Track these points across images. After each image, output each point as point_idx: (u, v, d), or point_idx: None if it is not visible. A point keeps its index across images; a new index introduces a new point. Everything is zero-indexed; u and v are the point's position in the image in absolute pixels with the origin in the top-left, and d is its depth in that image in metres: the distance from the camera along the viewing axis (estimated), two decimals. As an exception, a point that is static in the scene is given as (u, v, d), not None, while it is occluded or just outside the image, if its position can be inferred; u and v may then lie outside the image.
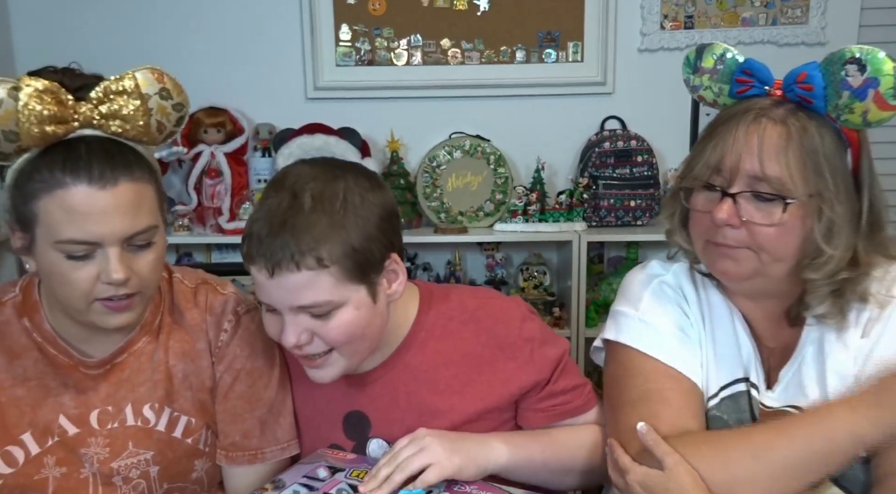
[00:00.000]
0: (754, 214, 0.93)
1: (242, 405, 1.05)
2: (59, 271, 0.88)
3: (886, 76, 0.86)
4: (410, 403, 1.05)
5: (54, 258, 0.88)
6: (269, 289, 0.92)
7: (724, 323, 1.04)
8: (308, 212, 0.90)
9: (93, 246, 0.88)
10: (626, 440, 0.99)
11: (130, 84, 0.90)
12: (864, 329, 0.96)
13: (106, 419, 0.99)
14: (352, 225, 0.91)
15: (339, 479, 1.00)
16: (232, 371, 1.05)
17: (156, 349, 1.02)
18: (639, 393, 1.01)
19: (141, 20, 2.43)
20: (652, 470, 0.92)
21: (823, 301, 0.95)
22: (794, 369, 1.00)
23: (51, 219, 0.86)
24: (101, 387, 1.00)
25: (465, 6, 2.40)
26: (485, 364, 1.06)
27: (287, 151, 2.33)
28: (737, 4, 2.38)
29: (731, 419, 1.01)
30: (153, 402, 1.01)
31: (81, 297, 0.90)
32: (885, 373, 0.92)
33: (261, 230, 0.90)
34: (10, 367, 0.97)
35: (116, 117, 0.89)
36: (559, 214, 2.32)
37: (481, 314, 1.08)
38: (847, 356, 0.96)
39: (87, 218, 0.86)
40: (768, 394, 1.01)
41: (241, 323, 1.06)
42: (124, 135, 0.91)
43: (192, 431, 1.03)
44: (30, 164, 0.87)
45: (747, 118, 0.93)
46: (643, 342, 1.03)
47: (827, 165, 0.90)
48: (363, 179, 0.96)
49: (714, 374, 1.03)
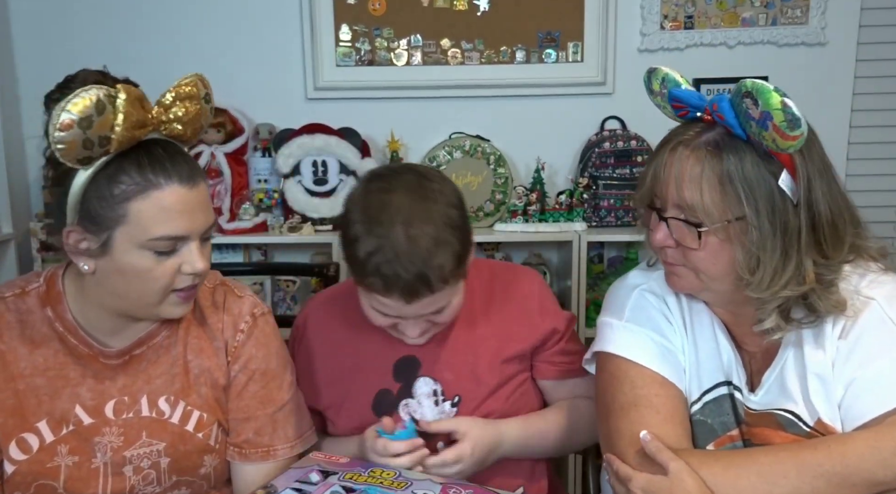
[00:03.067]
0: (684, 237, 0.96)
1: (256, 405, 1.09)
2: (143, 268, 0.94)
3: (776, 110, 0.86)
4: (456, 347, 1.21)
5: (138, 256, 0.93)
6: (401, 309, 1.07)
7: (705, 329, 1.06)
8: (426, 245, 1.02)
9: (180, 241, 0.95)
10: (622, 447, 1.00)
11: (194, 90, 0.96)
12: (841, 331, 0.97)
13: (121, 410, 1.02)
14: (454, 238, 1.06)
15: (331, 482, 1.00)
16: (247, 371, 1.09)
17: (174, 344, 1.06)
18: (627, 400, 1.03)
19: (141, 20, 2.43)
20: (655, 476, 0.93)
21: (769, 316, 0.97)
22: (776, 372, 1.00)
23: (143, 218, 0.91)
24: (119, 378, 1.03)
25: (465, 6, 2.40)
26: (514, 314, 1.24)
27: (287, 152, 2.33)
28: (737, 4, 2.38)
29: (715, 422, 1.02)
30: (169, 395, 1.04)
31: (161, 290, 0.97)
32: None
33: (392, 270, 1.01)
34: (31, 356, 0.99)
35: (180, 122, 0.95)
36: (559, 214, 2.32)
37: (511, 275, 1.30)
38: (825, 358, 0.97)
39: (180, 215, 0.93)
40: (751, 397, 1.02)
41: (258, 325, 1.11)
42: (180, 137, 0.97)
43: (204, 426, 1.06)
44: (113, 167, 0.91)
45: (668, 148, 0.96)
46: (629, 351, 1.06)
47: (746, 189, 0.91)
48: (443, 186, 1.09)
49: (696, 379, 1.05)
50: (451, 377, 1.20)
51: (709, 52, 2.41)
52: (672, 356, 1.05)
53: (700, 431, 1.02)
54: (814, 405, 0.96)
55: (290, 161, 2.34)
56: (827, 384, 0.96)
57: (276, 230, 2.33)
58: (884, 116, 2.42)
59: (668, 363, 1.04)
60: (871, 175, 2.44)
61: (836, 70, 2.40)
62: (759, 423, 1.00)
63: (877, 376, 0.94)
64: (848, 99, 2.42)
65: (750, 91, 0.88)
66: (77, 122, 0.85)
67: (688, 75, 2.59)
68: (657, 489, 0.92)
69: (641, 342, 1.06)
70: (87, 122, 0.85)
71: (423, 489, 0.99)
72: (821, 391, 0.96)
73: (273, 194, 2.41)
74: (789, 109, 0.85)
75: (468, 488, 1.01)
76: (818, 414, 0.96)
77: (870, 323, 0.96)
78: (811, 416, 0.97)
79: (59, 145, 0.85)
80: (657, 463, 0.94)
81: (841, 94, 2.41)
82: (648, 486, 0.93)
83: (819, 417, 0.96)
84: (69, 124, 0.85)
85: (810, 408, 0.97)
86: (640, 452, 0.97)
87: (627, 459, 0.98)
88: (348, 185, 2.36)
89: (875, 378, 0.94)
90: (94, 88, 0.86)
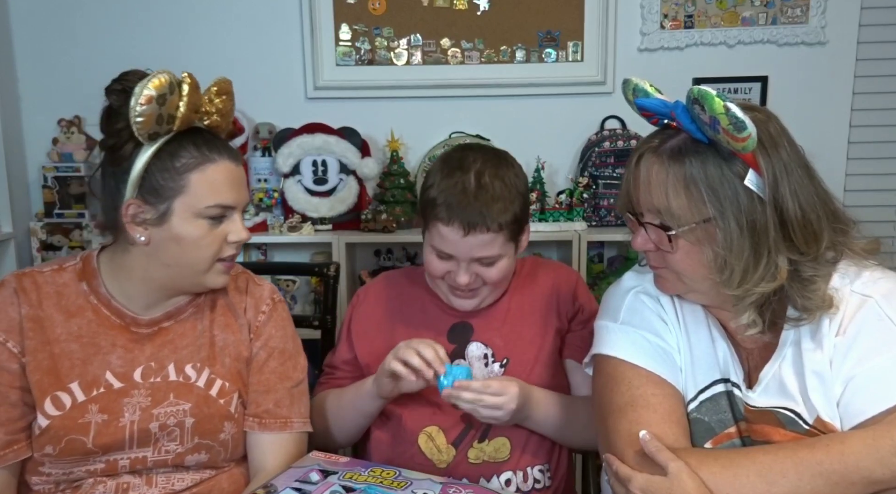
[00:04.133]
0: (660, 240, 0.99)
1: (275, 379, 1.19)
2: (197, 235, 1.06)
3: (721, 115, 0.88)
4: (506, 317, 1.35)
5: (193, 224, 1.06)
6: (458, 244, 1.21)
7: (700, 327, 1.07)
8: (492, 190, 1.21)
9: (229, 210, 1.09)
10: (621, 447, 1.00)
11: (227, 87, 1.13)
12: (838, 328, 0.97)
13: (149, 374, 1.11)
14: (516, 201, 1.24)
15: (331, 482, 1.00)
16: (267, 349, 1.19)
17: (200, 319, 1.17)
18: (625, 400, 1.03)
19: (141, 20, 2.43)
20: (654, 476, 0.93)
21: (745, 312, 0.98)
22: (773, 369, 1.01)
23: (200, 188, 1.05)
24: (147, 347, 1.12)
25: (465, 6, 2.40)
26: (554, 293, 1.37)
27: (287, 151, 2.33)
28: (737, 4, 2.38)
29: (712, 420, 1.03)
30: (196, 362, 1.14)
31: (210, 258, 1.09)
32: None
33: (458, 200, 1.19)
34: (67, 324, 1.09)
35: (219, 113, 1.10)
36: (559, 213, 2.32)
37: (553, 264, 1.48)
38: (823, 356, 0.97)
39: (231, 186, 1.08)
40: (750, 394, 1.02)
41: (277, 309, 1.23)
42: (218, 128, 1.11)
43: (226, 393, 1.14)
44: (174, 144, 1.04)
45: (636, 155, 1.00)
46: (625, 351, 1.07)
47: (710, 194, 0.93)
48: (514, 163, 1.31)
49: (692, 378, 1.05)
50: (500, 343, 1.32)
51: (709, 52, 2.41)
52: (668, 356, 1.06)
53: (697, 429, 1.03)
54: (812, 403, 0.96)
55: (289, 161, 2.34)
56: (825, 382, 0.96)
57: (276, 230, 2.33)
58: (884, 115, 2.42)
59: (663, 363, 1.05)
60: (871, 175, 2.44)
61: (836, 70, 2.40)
62: (759, 420, 1.01)
63: (875, 373, 0.94)
64: (848, 99, 2.42)
65: (696, 98, 0.90)
66: (155, 98, 0.99)
67: (688, 75, 2.60)
68: (656, 489, 0.93)
69: (637, 343, 1.07)
70: (162, 99, 1.00)
71: (423, 488, 1.00)
72: (819, 388, 0.96)
73: (273, 193, 2.41)
74: (732, 113, 0.87)
75: (468, 488, 1.01)
76: (817, 412, 0.96)
77: (867, 321, 0.96)
78: (810, 414, 0.97)
79: (139, 119, 0.99)
80: (656, 463, 0.94)
81: (841, 93, 2.41)
82: (648, 486, 0.93)
83: (818, 414, 0.96)
84: (150, 99, 0.98)
85: (809, 406, 0.97)
86: (638, 452, 0.97)
87: (626, 459, 0.98)
88: (348, 184, 2.36)
89: (873, 376, 0.94)
90: (164, 72, 1.00)
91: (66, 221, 2.45)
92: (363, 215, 2.33)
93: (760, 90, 2.40)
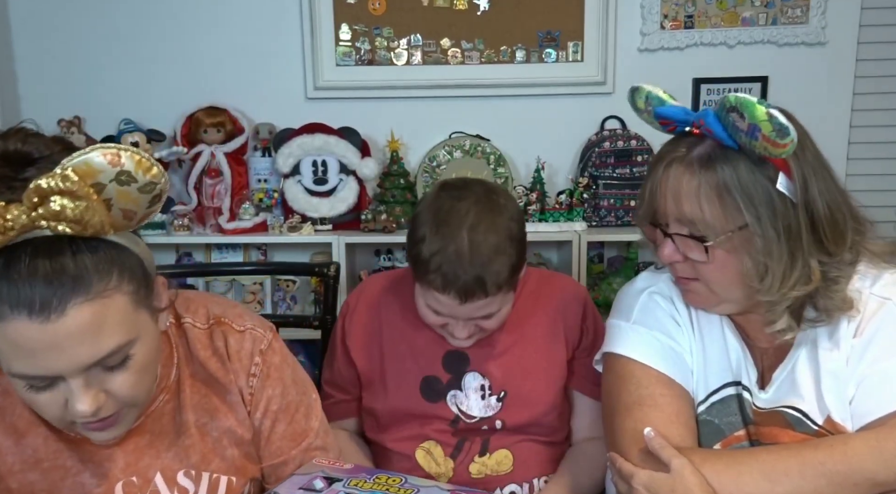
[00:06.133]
0: (691, 250, 0.97)
1: (288, 445, 1.02)
2: (27, 398, 0.78)
3: (763, 122, 0.86)
4: (504, 346, 1.26)
5: (16, 384, 0.77)
6: (455, 309, 1.14)
7: (714, 329, 1.06)
8: (485, 249, 1.11)
9: (51, 379, 0.75)
10: (625, 445, 1.00)
11: (69, 184, 0.68)
12: (856, 329, 0.97)
13: (133, 492, 0.90)
14: (512, 250, 1.14)
15: (336, 489, 0.99)
16: (270, 415, 1.00)
17: (178, 409, 0.93)
18: (633, 399, 1.03)
19: (141, 20, 2.42)
20: (657, 473, 0.93)
21: (781, 317, 0.97)
22: (787, 369, 1.01)
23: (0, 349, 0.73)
24: (119, 458, 0.90)
25: (465, 6, 2.40)
26: (558, 319, 1.28)
27: (287, 151, 2.33)
28: (737, 4, 2.38)
29: (722, 422, 1.03)
30: (188, 469, 0.93)
31: (58, 420, 0.80)
32: None
33: (452, 269, 1.10)
34: (19, 448, 0.86)
35: (61, 220, 0.69)
36: (559, 214, 2.32)
37: (558, 283, 1.34)
38: (840, 356, 0.97)
39: (34, 353, 0.72)
40: (761, 395, 1.02)
41: (267, 362, 0.99)
42: (81, 234, 0.72)
43: (236, 490, 0.97)
44: None
45: (661, 165, 0.97)
46: (635, 351, 1.06)
47: (744, 198, 0.91)
48: (507, 204, 1.18)
49: (703, 380, 1.05)
50: (498, 373, 1.25)
51: (709, 52, 2.41)
52: (679, 358, 1.05)
53: (706, 431, 1.02)
54: (826, 403, 0.96)
55: (289, 161, 2.34)
56: (840, 382, 0.96)
57: (276, 230, 2.33)
58: (884, 116, 2.42)
59: (674, 364, 1.04)
60: (871, 175, 2.44)
61: (836, 70, 2.40)
62: (767, 422, 1.00)
63: (886, 375, 0.94)
64: (848, 99, 2.42)
65: (735, 106, 0.88)
66: None
67: (688, 75, 2.60)
68: (659, 486, 0.92)
69: (648, 343, 1.06)
70: None
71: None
72: (834, 389, 0.96)
73: (273, 193, 2.41)
74: (776, 119, 0.85)
75: None
76: (828, 411, 0.96)
77: (885, 323, 0.96)
78: (821, 414, 0.97)
79: None
80: (660, 461, 0.94)
81: (841, 94, 2.41)
82: (650, 483, 0.93)
83: (829, 414, 0.96)
84: None
85: (822, 406, 0.97)
86: (643, 450, 0.96)
87: (630, 457, 0.98)
88: (348, 184, 2.36)
89: (884, 377, 0.94)
90: None
91: (65, 221, 2.45)
92: (363, 216, 2.33)
93: (760, 90, 2.40)
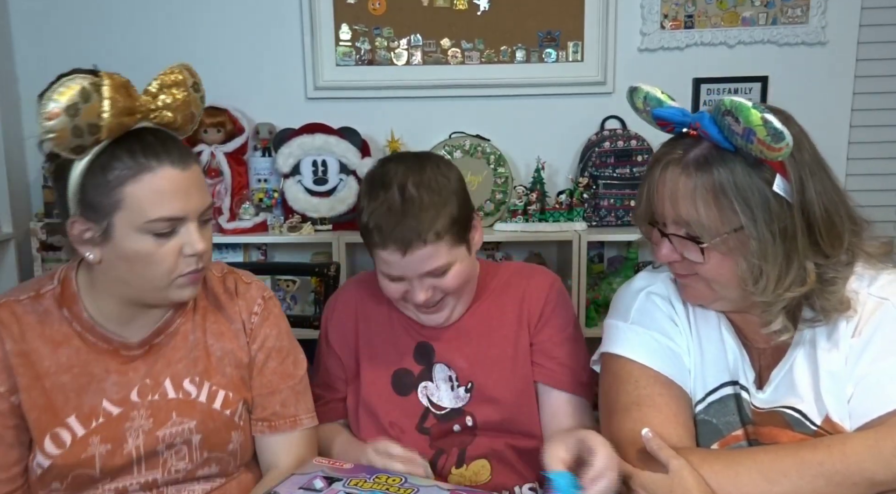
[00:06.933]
0: (688, 251, 0.98)
1: (277, 379, 1.16)
2: (145, 252, 0.97)
3: (758, 126, 0.86)
4: (469, 337, 1.27)
5: (139, 241, 0.96)
6: (401, 265, 1.15)
7: (711, 330, 1.07)
8: (419, 200, 1.13)
9: (177, 222, 0.98)
10: (623, 445, 1.00)
11: (180, 77, 1.01)
12: (854, 329, 0.97)
13: (145, 392, 1.06)
14: (449, 202, 1.15)
15: (336, 489, 0.99)
16: (265, 350, 1.16)
17: (192, 329, 1.11)
18: (631, 399, 1.03)
19: (140, 20, 2.43)
20: (655, 474, 0.93)
21: (776, 318, 0.97)
22: (785, 369, 1.01)
23: (138, 202, 0.95)
24: (140, 366, 1.07)
25: (465, 6, 2.40)
26: (522, 310, 1.27)
27: (287, 151, 2.33)
28: (737, 4, 2.38)
29: (720, 422, 1.03)
30: (193, 376, 1.09)
31: (165, 274, 1.00)
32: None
33: (387, 222, 1.13)
34: (54, 355, 1.02)
35: (169, 109, 0.99)
36: (559, 213, 2.32)
37: (528, 273, 1.33)
38: (839, 356, 0.97)
39: (174, 196, 0.96)
40: (759, 395, 1.02)
41: (269, 307, 1.18)
42: (171, 125, 1.01)
43: (230, 404, 1.11)
44: (106, 155, 0.94)
45: (659, 167, 0.98)
46: (633, 351, 1.06)
47: (741, 203, 0.92)
48: (440, 162, 1.21)
49: (701, 380, 1.05)
50: (464, 364, 1.26)
51: (709, 52, 2.41)
52: (676, 358, 1.06)
53: (705, 431, 1.02)
54: (824, 403, 0.96)
55: (290, 161, 2.34)
56: (839, 382, 0.96)
57: (276, 230, 2.33)
58: (884, 115, 2.42)
59: (672, 364, 1.05)
60: (871, 175, 2.44)
61: (836, 70, 2.40)
62: (766, 422, 1.00)
63: (884, 374, 0.94)
64: (848, 99, 2.42)
65: (730, 109, 0.88)
66: (64, 109, 0.88)
67: (688, 75, 2.60)
68: (658, 486, 0.92)
69: (646, 343, 1.06)
70: (73, 109, 0.89)
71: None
72: (832, 389, 0.96)
73: (273, 193, 2.41)
74: (770, 124, 0.85)
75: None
76: (827, 411, 0.96)
77: (883, 323, 0.96)
78: (819, 414, 0.97)
79: (49, 134, 0.89)
80: (658, 461, 0.94)
81: (841, 94, 2.41)
82: (649, 484, 0.93)
83: (828, 414, 0.96)
84: (56, 113, 0.88)
85: (820, 405, 0.97)
86: (641, 451, 0.97)
87: (629, 458, 0.98)
88: (348, 184, 2.36)
89: (883, 377, 0.94)
90: (78, 77, 0.90)
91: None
92: (363, 216, 2.32)
93: (760, 90, 2.40)
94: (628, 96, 1.05)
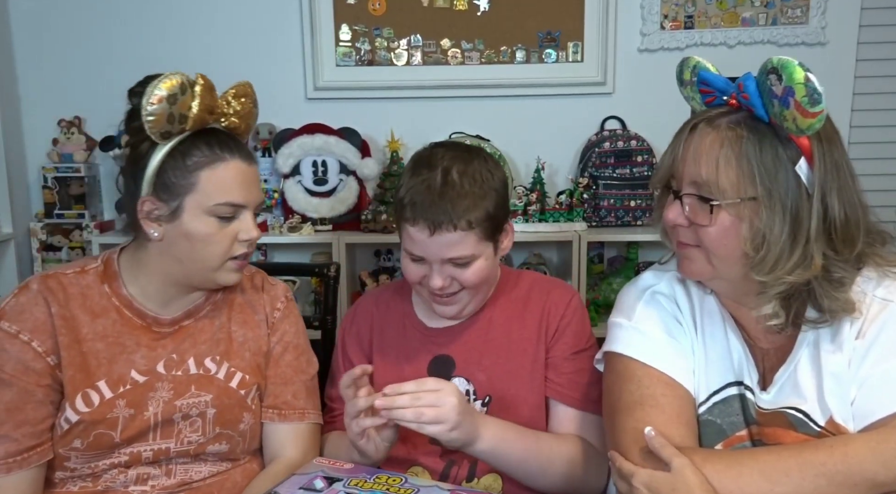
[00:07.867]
0: (697, 214, 0.97)
1: (291, 372, 1.25)
2: (207, 232, 1.10)
3: (798, 85, 0.87)
4: (490, 349, 1.26)
5: (204, 221, 1.10)
6: (426, 244, 1.15)
7: (716, 329, 1.06)
8: (459, 186, 1.14)
9: (239, 208, 1.12)
10: (626, 444, 1.00)
11: (248, 90, 1.19)
12: (859, 331, 0.97)
13: (171, 366, 1.16)
14: (488, 197, 1.16)
15: (336, 489, 0.99)
16: (283, 343, 1.25)
17: (218, 317, 1.22)
18: (634, 399, 1.03)
19: (141, 21, 2.43)
20: (657, 472, 0.93)
21: (769, 302, 0.97)
22: (789, 370, 1.00)
23: (210, 186, 1.09)
24: (168, 343, 1.17)
25: (465, 6, 2.40)
26: (542, 325, 1.26)
27: (287, 151, 2.33)
28: (737, 4, 2.38)
29: (724, 422, 1.02)
30: (214, 355, 1.19)
31: (219, 255, 1.12)
32: None
33: (423, 199, 1.13)
34: (93, 324, 1.13)
35: (237, 116, 1.16)
36: (559, 214, 2.32)
37: (549, 287, 1.31)
38: (842, 357, 0.97)
39: (240, 186, 1.11)
40: (763, 396, 1.02)
41: (290, 307, 1.29)
42: (236, 130, 1.16)
43: (245, 385, 1.19)
44: (187, 144, 1.09)
45: (689, 126, 0.98)
46: (637, 350, 1.06)
47: (762, 172, 0.92)
48: (488, 158, 1.23)
49: (705, 380, 1.05)
50: (483, 377, 1.24)
51: (709, 52, 2.41)
52: (680, 357, 1.05)
53: (708, 431, 1.02)
54: (827, 404, 0.96)
55: (289, 161, 2.34)
56: (842, 384, 0.96)
57: (276, 230, 2.33)
58: (884, 116, 2.43)
59: (675, 364, 1.04)
60: (871, 175, 2.44)
61: (836, 70, 2.40)
62: (770, 423, 1.00)
63: (888, 376, 0.94)
64: (848, 99, 2.42)
65: (775, 66, 0.89)
66: (166, 97, 1.03)
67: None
68: (659, 485, 0.92)
69: (650, 343, 1.06)
70: (173, 98, 1.04)
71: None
72: (836, 390, 0.96)
73: (273, 193, 2.41)
74: (811, 84, 0.86)
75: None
76: (830, 413, 0.96)
77: (887, 325, 0.96)
78: (823, 415, 0.97)
79: (150, 117, 1.04)
80: (660, 460, 0.94)
81: (841, 94, 2.41)
82: (651, 482, 0.93)
83: (831, 415, 0.96)
84: (160, 99, 1.03)
85: (823, 407, 0.97)
86: (643, 449, 0.97)
87: (631, 456, 0.98)
88: (348, 185, 2.36)
89: (886, 378, 0.94)
90: (178, 73, 1.05)
91: (65, 221, 2.45)
92: (363, 216, 2.33)
93: (760, 91, 2.40)
94: (677, 69, 1.06)
